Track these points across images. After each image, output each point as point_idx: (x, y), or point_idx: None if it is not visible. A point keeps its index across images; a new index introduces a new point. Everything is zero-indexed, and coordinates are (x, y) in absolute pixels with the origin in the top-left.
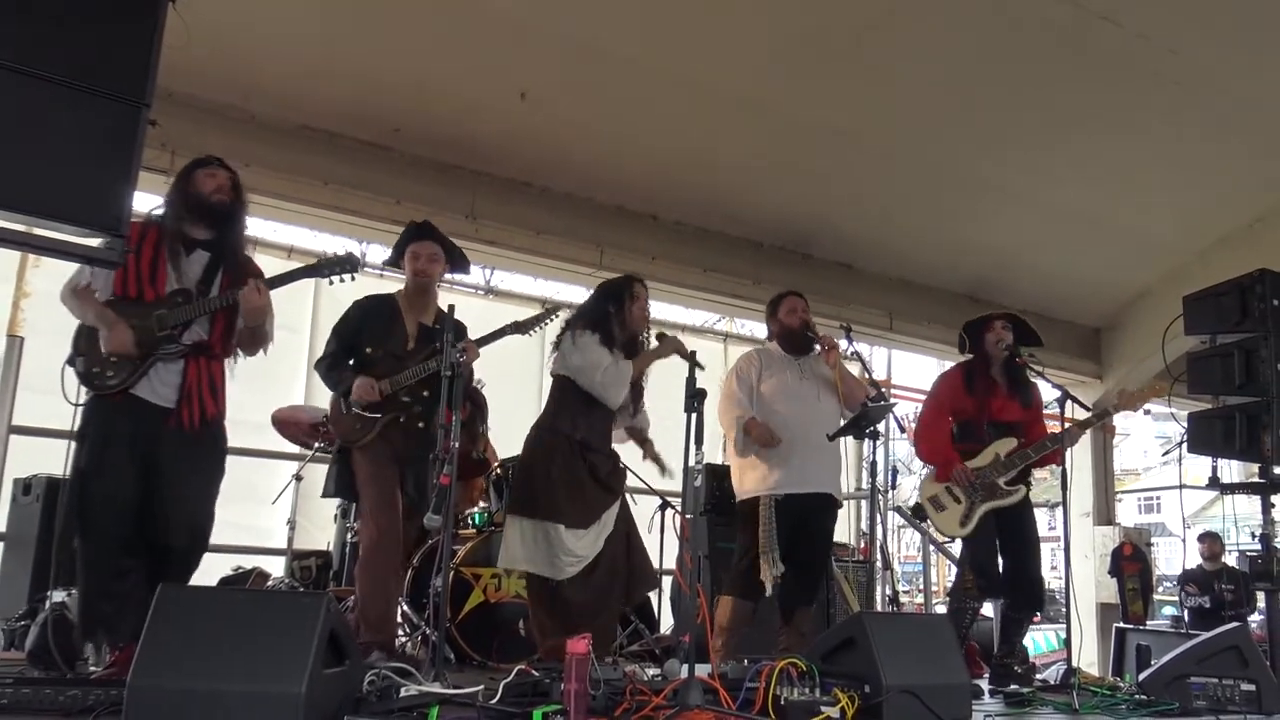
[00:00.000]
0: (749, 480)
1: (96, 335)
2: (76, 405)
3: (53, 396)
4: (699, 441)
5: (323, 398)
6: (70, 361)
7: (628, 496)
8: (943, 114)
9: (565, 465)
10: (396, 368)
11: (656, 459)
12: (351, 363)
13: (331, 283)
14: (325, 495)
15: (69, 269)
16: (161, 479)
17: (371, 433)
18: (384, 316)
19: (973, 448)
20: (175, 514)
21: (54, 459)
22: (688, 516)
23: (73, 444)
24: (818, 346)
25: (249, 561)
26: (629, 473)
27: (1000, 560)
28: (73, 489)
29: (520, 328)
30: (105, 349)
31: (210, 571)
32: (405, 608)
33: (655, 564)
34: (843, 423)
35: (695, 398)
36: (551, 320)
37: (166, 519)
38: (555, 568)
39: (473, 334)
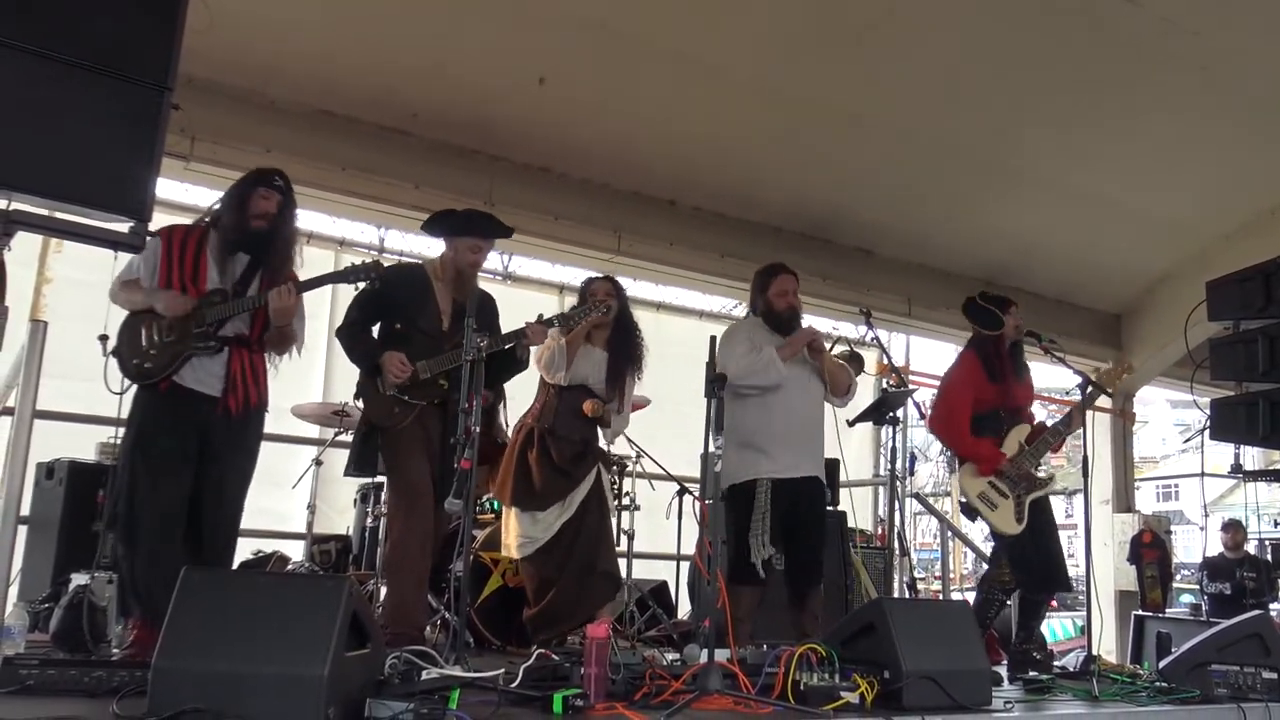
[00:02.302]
0: (742, 464)
1: (137, 329)
2: (120, 394)
3: (75, 381)
4: (719, 427)
5: (342, 388)
6: (113, 354)
7: (606, 481)
8: (963, 98)
9: (522, 454)
10: (432, 348)
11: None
12: (378, 336)
13: (357, 288)
14: (348, 474)
15: (91, 255)
16: (210, 467)
17: (410, 416)
18: (416, 291)
19: (995, 439)
20: (222, 500)
21: (76, 443)
22: (707, 501)
23: (119, 431)
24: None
25: (269, 545)
26: (650, 459)
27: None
28: (125, 475)
29: (566, 320)
30: (164, 312)
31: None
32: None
33: (673, 550)
34: (847, 410)
35: (715, 383)
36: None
37: (214, 506)
38: (513, 549)
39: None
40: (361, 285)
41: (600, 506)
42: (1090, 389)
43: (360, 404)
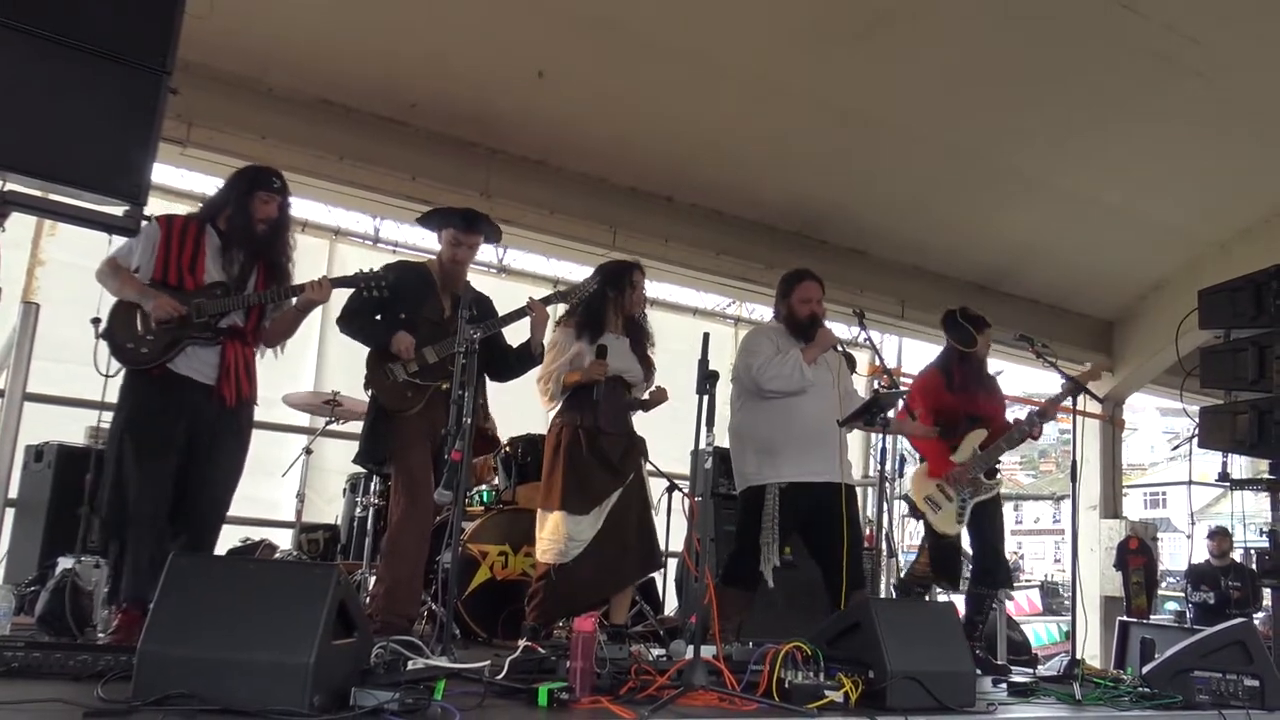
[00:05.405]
0: (758, 468)
1: (132, 313)
2: (109, 376)
3: (66, 364)
4: (710, 424)
5: (333, 377)
6: (104, 336)
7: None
8: (962, 102)
9: (570, 454)
10: (438, 334)
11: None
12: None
13: (368, 293)
14: (357, 461)
15: (84, 238)
16: (199, 453)
17: (423, 400)
18: (418, 284)
19: (954, 442)
20: (207, 487)
21: (66, 426)
22: (696, 498)
23: (102, 414)
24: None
25: (257, 534)
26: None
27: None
28: (114, 458)
29: (564, 296)
30: (153, 316)
31: (218, 543)
32: None
33: (661, 546)
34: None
35: (708, 379)
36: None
37: (198, 492)
38: (562, 554)
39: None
40: (374, 293)
41: (641, 496)
42: (1064, 388)
43: (372, 394)
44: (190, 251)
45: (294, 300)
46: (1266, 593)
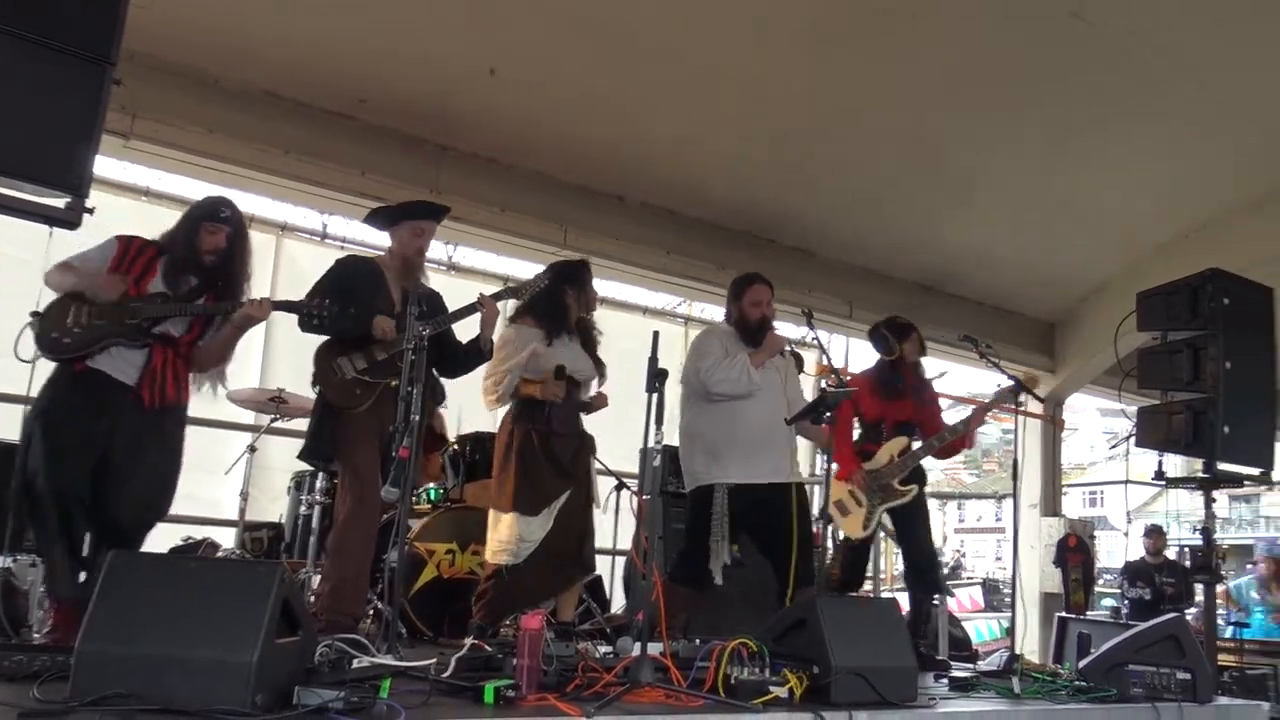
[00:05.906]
0: (706, 469)
1: (66, 307)
2: (29, 361)
3: (4, 359)
4: (659, 422)
5: (279, 374)
6: (32, 326)
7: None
8: (910, 106)
9: (522, 455)
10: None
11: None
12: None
13: (313, 319)
14: (302, 457)
15: (25, 231)
16: (119, 455)
17: (372, 397)
18: (368, 279)
19: (873, 448)
20: (124, 489)
21: (3, 424)
22: (645, 496)
23: (27, 409)
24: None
25: (199, 532)
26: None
27: (900, 549)
28: (23, 450)
29: (515, 292)
30: (100, 297)
31: (160, 541)
32: None
33: (610, 544)
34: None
35: (657, 378)
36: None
37: (115, 492)
38: (515, 555)
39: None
40: (314, 320)
41: (587, 495)
42: (998, 392)
43: (319, 390)
44: (141, 267)
45: (233, 316)
46: (1199, 589)
